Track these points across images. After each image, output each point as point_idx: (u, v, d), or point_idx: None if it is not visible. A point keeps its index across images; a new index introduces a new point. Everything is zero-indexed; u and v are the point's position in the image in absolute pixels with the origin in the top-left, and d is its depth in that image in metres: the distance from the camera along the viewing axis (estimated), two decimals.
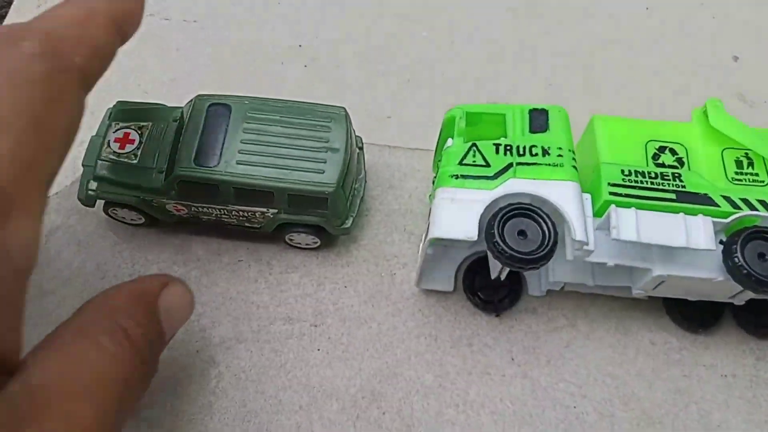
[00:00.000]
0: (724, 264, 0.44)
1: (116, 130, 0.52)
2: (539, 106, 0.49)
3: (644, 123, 0.49)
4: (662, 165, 0.46)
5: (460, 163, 0.47)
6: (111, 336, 0.34)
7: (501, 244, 0.42)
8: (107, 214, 0.55)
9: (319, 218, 0.52)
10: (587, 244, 0.43)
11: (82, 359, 0.32)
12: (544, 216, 0.43)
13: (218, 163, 0.49)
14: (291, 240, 0.55)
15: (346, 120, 0.52)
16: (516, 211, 0.43)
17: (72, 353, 0.33)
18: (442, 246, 0.52)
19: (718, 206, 0.44)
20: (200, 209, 0.52)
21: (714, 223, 0.44)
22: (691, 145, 0.47)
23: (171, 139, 0.51)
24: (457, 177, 0.46)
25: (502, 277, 0.49)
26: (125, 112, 0.53)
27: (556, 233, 0.43)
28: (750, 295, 0.47)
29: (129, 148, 0.51)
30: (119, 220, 0.56)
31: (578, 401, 0.50)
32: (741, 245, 0.43)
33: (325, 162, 0.50)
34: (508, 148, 0.47)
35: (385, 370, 0.51)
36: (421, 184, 0.59)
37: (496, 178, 0.45)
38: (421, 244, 0.49)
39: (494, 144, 0.47)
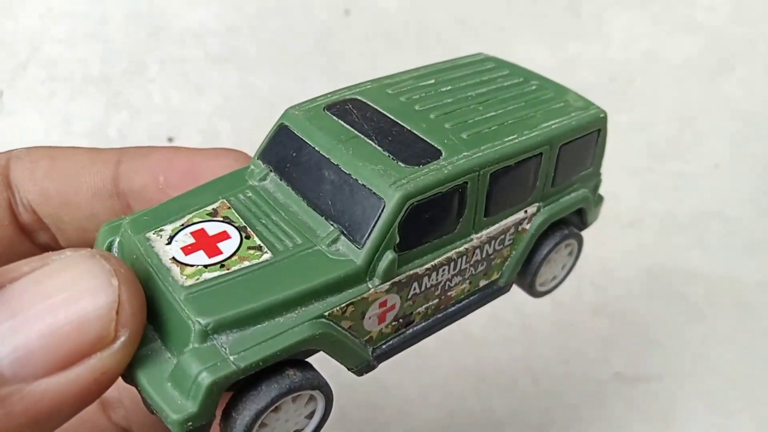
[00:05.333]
0: None
1: (169, 240, 0.35)
2: None
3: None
4: None
5: None
6: None
7: None
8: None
9: (583, 186, 0.43)
10: None
11: None
12: None
13: (441, 156, 0.36)
14: (540, 282, 0.45)
15: (496, 60, 0.46)
16: None
17: None
18: None
19: None
20: (421, 284, 0.38)
21: None
22: None
23: (292, 194, 0.37)
24: None
25: None
26: (138, 223, 0.36)
27: None
28: None
29: (227, 247, 0.35)
30: None
31: None
32: None
33: (553, 94, 0.43)
34: None
35: None
36: None
37: None
38: None
39: None
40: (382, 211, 0.34)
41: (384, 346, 0.39)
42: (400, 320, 0.39)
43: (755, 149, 1.01)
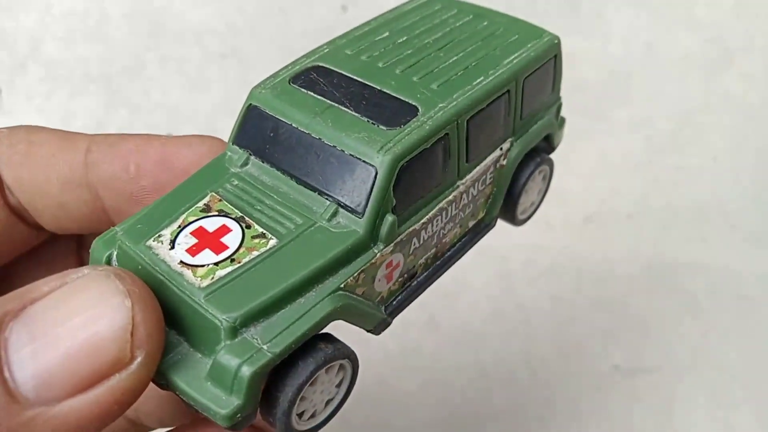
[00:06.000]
0: None
1: (172, 244, 0.34)
2: None
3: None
4: None
5: None
6: None
7: None
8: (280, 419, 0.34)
9: (547, 112, 0.46)
10: None
11: None
12: None
13: (419, 112, 0.37)
14: (521, 211, 0.47)
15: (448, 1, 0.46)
16: None
17: None
18: None
19: None
20: (420, 238, 0.39)
21: None
22: None
23: (279, 174, 0.37)
24: None
25: None
26: (133, 233, 0.35)
27: None
28: None
29: (231, 240, 0.34)
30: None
31: None
32: None
33: (505, 27, 0.43)
34: None
35: None
36: None
37: None
38: None
39: None
40: (376, 177, 0.35)
41: (394, 302, 0.40)
42: (405, 275, 0.40)
43: (755, 143, 1.01)
